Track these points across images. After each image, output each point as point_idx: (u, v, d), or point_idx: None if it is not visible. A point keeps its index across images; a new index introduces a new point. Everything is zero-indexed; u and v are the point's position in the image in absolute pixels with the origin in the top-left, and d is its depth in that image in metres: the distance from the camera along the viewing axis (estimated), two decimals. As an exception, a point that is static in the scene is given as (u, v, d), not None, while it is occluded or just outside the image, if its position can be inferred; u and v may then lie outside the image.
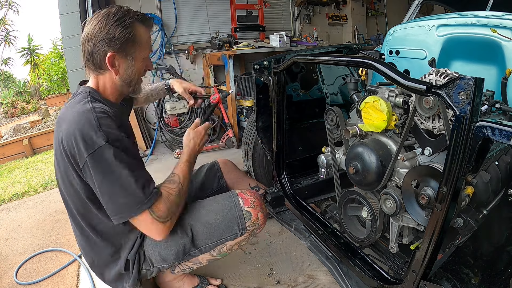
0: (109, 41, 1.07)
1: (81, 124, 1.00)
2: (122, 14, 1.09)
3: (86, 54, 1.10)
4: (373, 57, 0.93)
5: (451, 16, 1.63)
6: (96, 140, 0.98)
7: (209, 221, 1.20)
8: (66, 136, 1.01)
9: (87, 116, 1.01)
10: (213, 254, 1.25)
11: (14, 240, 2.15)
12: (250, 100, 3.62)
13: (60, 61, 10.75)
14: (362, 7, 6.10)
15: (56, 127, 1.09)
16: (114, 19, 1.07)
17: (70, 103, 1.12)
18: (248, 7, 4.36)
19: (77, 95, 1.12)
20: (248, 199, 1.24)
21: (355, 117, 1.25)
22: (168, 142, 3.72)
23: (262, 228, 1.29)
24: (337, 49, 1.87)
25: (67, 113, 1.08)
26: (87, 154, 0.98)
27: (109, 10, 1.10)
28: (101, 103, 1.10)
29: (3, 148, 5.25)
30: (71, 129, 1.01)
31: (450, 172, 0.76)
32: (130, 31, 1.09)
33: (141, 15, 1.14)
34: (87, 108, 1.04)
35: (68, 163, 1.04)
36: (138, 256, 1.19)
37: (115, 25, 1.07)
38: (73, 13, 3.24)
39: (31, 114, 10.42)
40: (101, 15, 1.09)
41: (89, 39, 1.08)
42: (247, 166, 2.20)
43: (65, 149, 1.02)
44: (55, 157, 1.12)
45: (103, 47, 1.07)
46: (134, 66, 1.14)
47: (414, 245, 1.09)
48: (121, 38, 1.07)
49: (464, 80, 0.70)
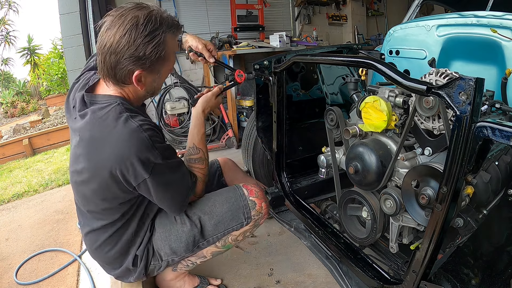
0: (138, 59, 0.96)
1: (136, 147, 0.95)
2: (153, 26, 0.95)
3: (107, 67, 0.99)
4: (373, 57, 0.93)
5: (451, 16, 1.63)
6: (154, 160, 0.99)
7: (216, 211, 1.23)
8: (118, 161, 0.96)
9: (139, 136, 0.96)
10: (218, 245, 1.27)
11: (14, 240, 2.15)
12: (250, 100, 3.62)
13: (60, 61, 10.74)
14: (362, 7, 6.09)
15: (90, 146, 1.00)
16: (145, 32, 0.94)
17: (102, 119, 0.99)
18: (248, 7, 4.36)
19: (105, 108, 1.01)
20: (253, 189, 1.29)
21: (355, 117, 1.25)
22: (168, 142, 3.72)
23: (265, 218, 1.33)
24: (337, 49, 1.87)
25: (105, 132, 0.98)
26: (147, 175, 0.99)
27: (136, 16, 0.95)
28: (136, 113, 1.03)
29: (3, 148, 5.26)
30: (125, 153, 0.95)
31: (450, 172, 0.76)
32: (163, 49, 0.98)
33: (171, 21, 1.02)
34: (134, 128, 0.96)
35: (113, 182, 1.00)
36: (146, 251, 1.20)
37: (146, 41, 0.94)
38: (73, 13, 3.24)
39: (31, 114, 10.42)
40: (127, 23, 0.94)
41: (113, 52, 0.95)
42: (247, 166, 2.20)
43: (115, 173, 0.97)
44: (83, 173, 1.03)
45: (129, 65, 0.97)
46: (161, 79, 1.09)
47: (414, 245, 1.09)
48: (152, 58, 0.97)
49: (464, 80, 0.70)
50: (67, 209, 2.53)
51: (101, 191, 1.04)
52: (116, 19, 0.96)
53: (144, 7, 0.99)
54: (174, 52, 1.07)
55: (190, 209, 1.23)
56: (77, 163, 1.05)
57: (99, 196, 1.06)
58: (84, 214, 1.17)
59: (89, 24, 3.30)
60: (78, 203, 1.18)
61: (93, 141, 1.00)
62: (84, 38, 3.32)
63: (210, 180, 1.55)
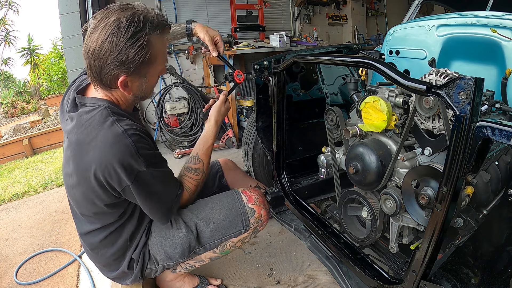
0: (121, 64, 0.93)
1: (120, 153, 0.93)
2: (136, 28, 0.91)
3: (92, 71, 0.96)
4: (373, 57, 0.93)
5: (451, 16, 1.63)
6: (137, 167, 0.97)
7: (213, 218, 1.21)
8: (101, 167, 0.94)
9: (123, 142, 0.94)
10: (216, 251, 1.26)
11: (14, 240, 2.15)
12: (250, 100, 3.62)
13: (60, 61, 10.75)
14: (362, 7, 6.09)
15: (77, 149, 0.98)
16: (127, 35, 0.90)
17: (88, 122, 0.98)
18: (248, 7, 4.36)
19: (91, 112, 0.99)
20: (252, 196, 1.27)
21: (355, 117, 1.25)
22: (168, 142, 3.72)
23: (265, 225, 1.31)
24: (337, 49, 1.86)
25: (90, 136, 0.96)
26: (130, 182, 0.98)
27: (119, 18, 0.91)
28: (123, 116, 1.01)
29: (3, 148, 5.26)
30: (107, 159, 0.93)
31: (450, 172, 0.76)
32: (147, 51, 0.94)
33: (157, 20, 0.97)
34: (119, 132, 0.94)
35: (99, 187, 0.99)
36: (142, 255, 1.20)
37: (128, 44, 0.90)
38: (73, 13, 3.24)
39: (31, 114, 10.42)
40: (109, 26, 0.90)
41: (96, 57, 0.92)
42: (247, 166, 2.20)
43: (99, 178, 0.96)
44: (72, 176, 1.02)
45: (114, 70, 0.94)
46: (148, 83, 1.05)
47: (414, 245, 1.09)
48: (135, 61, 0.93)
49: (464, 80, 0.70)
50: (67, 209, 2.52)
51: (89, 194, 1.02)
52: (99, 22, 0.92)
53: (128, 8, 0.95)
54: (162, 53, 1.02)
55: (186, 214, 1.21)
56: (67, 166, 1.04)
57: (88, 200, 1.04)
58: (78, 216, 1.17)
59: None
60: (72, 206, 1.17)
61: (79, 144, 0.98)
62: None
63: (211, 181, 1.55)
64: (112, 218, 1.11)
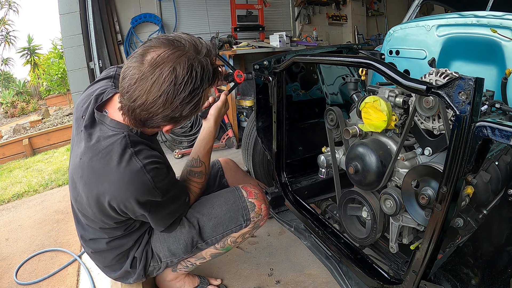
0: (172, 118, 0.88)
1: (137, 191, 0.92)
2: (194, 85, 0.83)
3: (135, 118, 0.88)
4: (373, 57, 0.93)
5: (451, 16, 1.63)
6: (153, 200, 0.99)
7: (215, 213, 1.22)
8: (117, 200, 0.94)
9: (141, 179, 0.91)
10: (218, 247, 1.27)
11: (14, 240, 2.15)
12: (250, 100, 3.62)
13: (60, 61, 10.74)
14: (362, 7, 6.10)
15: (91, 176, 0.94)
16: (184, 93, 0.82)
17: (105, 151, 0.92)
18: (248, 7, 4.36)
19: (110, 138, 0.93)
20: (252, 191, 1.28)
21: (355, 117, 1.25)
22: (168, 142, 3.72)
23: (265, 220, 1.32)
24: (337, 49, 1.87)
25: (107, 169, 0.91)
26: (146, 213, 1.01)
27: (174, 69, 0.80)
28: (142, 144, 0.97)
29: (3, 148, 5.27)
30: (125, 196, 0.92)
31: (450, 172, 0.76)
32: (198, 103, 0.88)
33: (212, 70, 0.88)
34: (138, 169, 0.91)
35: (111, 211, 0.98)
36: (145, 253, 1.21)
37: (185, 102, 0.84)
38: (73, 13, 3.24)
39: (31, 114, 10.43)
40: (163, 82, 0.80)
41: (144, 109, 0.84)
42: (247, 166, 2.20)
43: (113, 206, 0.96)
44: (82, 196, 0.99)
45: (162, 123, 0.90)
46: None
47: (414, 245, 1.09)
48: (187, 115, 0.89)
49: (464, 80, 0.70)
50: (67, 209, 2.52)
51: (99, 215, 1.03)
52: (149, 69, 0.81)
53: (178, 49, 0.83)
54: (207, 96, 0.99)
55: (189, 211, 1.22)
56: (76, 178, 1.00)
57: (97, 218, 1.05)
58: (83, 225, 1.16)
59: (89, 24, 3.30)
60: (77, 214, 1.16)
61: (94, 172, 0.94)
62: (84, 38, 3.32)
63: (212, 181, 1.55)
64: (120, 232, 1.13)
